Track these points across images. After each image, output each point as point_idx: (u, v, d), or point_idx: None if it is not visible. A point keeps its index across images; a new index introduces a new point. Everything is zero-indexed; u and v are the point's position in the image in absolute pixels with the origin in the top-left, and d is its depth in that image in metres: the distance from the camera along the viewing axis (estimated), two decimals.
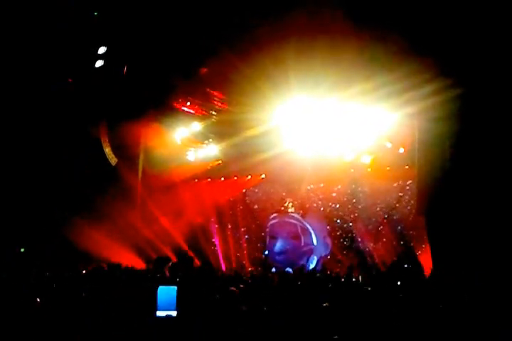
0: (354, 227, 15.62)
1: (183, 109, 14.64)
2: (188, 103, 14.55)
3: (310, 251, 15.65)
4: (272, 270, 14.83)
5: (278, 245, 15.76)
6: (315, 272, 12.72)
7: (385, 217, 15.12)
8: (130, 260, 13.32)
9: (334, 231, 15.90)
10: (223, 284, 8.68)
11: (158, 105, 14.44)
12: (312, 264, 15.48)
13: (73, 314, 7.20)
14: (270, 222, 16.23)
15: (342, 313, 6.73)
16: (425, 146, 10.75)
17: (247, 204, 17.15)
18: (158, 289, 7.08)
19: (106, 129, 14.55)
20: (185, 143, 15.76)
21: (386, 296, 7.59)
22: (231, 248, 16.57)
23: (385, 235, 14.94)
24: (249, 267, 15.86)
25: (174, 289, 7.11)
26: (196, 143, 15.97)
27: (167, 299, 7.04)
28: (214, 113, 14.70)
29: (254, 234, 16.81)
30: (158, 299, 7.03)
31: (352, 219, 15.69)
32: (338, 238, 15.78)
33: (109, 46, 12.80)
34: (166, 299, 7.04)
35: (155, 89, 13.56)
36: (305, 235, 15.78)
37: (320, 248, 15.70)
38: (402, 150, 13.71)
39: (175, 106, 14.51)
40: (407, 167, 13.85)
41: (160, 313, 7.00)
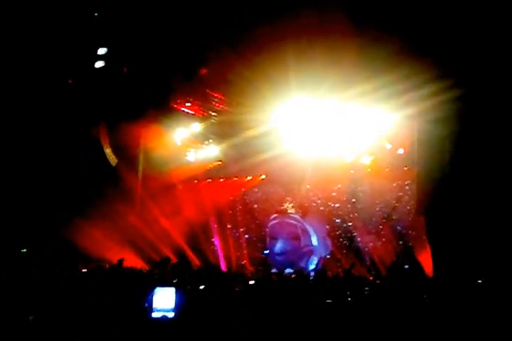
0: (353, 227, 15.61)
1: (183, 110, 14.64)
2: (188, 104, 14.55)
3: (310, 252, 15.64)
4: (273, 270, 14.84)
5: (278, 246, 15.76)
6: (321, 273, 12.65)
7: (385, 217, 15.12)
8: (130, 260, 13.32)
9: (333, 230, 15.89)
10: (223, 284, 8.71)
11: (158, 106, 14.44)
12: (312, 265, 15.47)
13: (73, 314, 7.21)
14: (270, 223, 16.22)
15: (342, 313, 6.74)
16: (425, 147, 10.78)
17: (247, 204, 17.13)
18: (155, 290, 7.05)
19: (106, 130, 14.55)
20: (185, 143, 15.76)
21: (386, 296, 7.60)
22: (231, 248, 16.56)
23: (385, 235, 14.93)
24: (249, 267, 15.87)
25: (172, 290, 7.08)
26: (196, 143, 15.97)
27: (164, 300, 7.01)
28: (214, 114, 14.70)
29: (254, 234, 16.80)
30: (154, 300, 6.99)
31: (351, 218, 15.68)
32: (338, 237, 15.77)
33: (109, 47, 12.81)
34: (163, 300, 7.01)
35: (155, 89, 13.57)
36: (305, 236, 15.77)
37: (320, 249, 15.69)
38: (402, 151, 13.73)
39: (175, 106, 14.51)
40: (407, 168, 13.86)
41: (156, 314, 6.96)
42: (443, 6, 9.31)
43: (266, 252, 16.21)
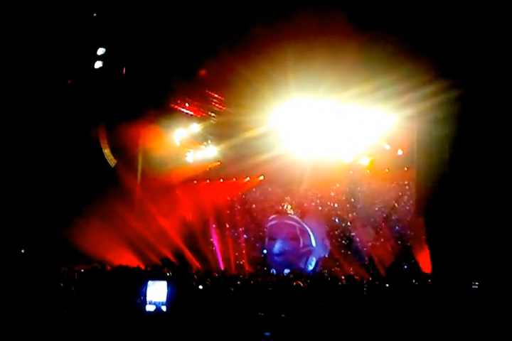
0: (352, 227, 15.63)
1: (182, 111, 14.65)
2: (187, 104, 14.57)
3: (309, 253, 15.67)
4: (271, 271, 14.87)
5: (277, 246, 15.78)
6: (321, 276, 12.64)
7: (384, 217, 15.14)
8: (129, 260, 13.34)
9: (332, 230, 15.90)
10: (222, 284, 8.72)
11: (157, 106, 14.45)
12: (311, 266, 15.50)
13: (73, 314, 7.21)
14: (269, 224, 16.25)
15: (342, 313, 6.75)
16: (424, 148, 10.76)
17: (246, 205, 17.16)
18: (147, 283, 7.08)
19: (105, 130, 14.57)
20: (184, 144, 15.78)
21: (386, 296, 7.62)
22: (230, 248, 16.58)
23: (383, 235, 14.96)
24: (247, 267, 15.89)
25: (164, 284, 7.10)
26: (195, 144, 15.99)
27: (157, 293, 7.03)
28: (213, 114, 14.72)
29: (252, 235, 16.82)
30: (148, 293, 7.03)
31: (350, 218, 15.70)
32: (337, 237, 15.79)
33: (108, 47, 12.82)
34: (156, 293, 7.03)
35: (154, 90, 13.57)
36: (304, 236, 15.80)
37: (319, 249, 15.72)
38: (401, 152, 13.75)
39: (174, 107, 14.52)
40: (406, 169, 13.87)
41: (149, 307, 6.99)
42: (442, 7, 9.33)
43: (264, 252, 16.24)
